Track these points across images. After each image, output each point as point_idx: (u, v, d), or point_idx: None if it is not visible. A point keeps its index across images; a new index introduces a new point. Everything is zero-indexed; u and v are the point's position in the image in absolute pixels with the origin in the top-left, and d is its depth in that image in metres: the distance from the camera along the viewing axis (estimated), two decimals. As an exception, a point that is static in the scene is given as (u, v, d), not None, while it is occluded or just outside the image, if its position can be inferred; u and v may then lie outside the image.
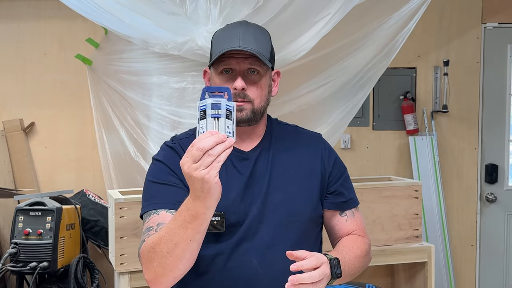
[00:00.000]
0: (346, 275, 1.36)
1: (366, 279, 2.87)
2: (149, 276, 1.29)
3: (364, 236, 1.56)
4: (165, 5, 2.28)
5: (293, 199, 1.46)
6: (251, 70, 1.43)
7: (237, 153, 1.48)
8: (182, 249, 1.21)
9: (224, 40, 1.44)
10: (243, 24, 1.48)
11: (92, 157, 3.18)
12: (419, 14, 2.50)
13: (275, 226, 1.43)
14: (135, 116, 2.73)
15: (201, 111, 1.14)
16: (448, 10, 3.51)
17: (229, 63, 1.42)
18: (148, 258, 1.27)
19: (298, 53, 2.33)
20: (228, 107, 1.14)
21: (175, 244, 1.21)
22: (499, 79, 3.57)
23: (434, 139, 3.47)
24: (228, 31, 1.47)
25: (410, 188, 2.59)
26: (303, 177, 1.49)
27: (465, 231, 3.57)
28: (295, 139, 1.56)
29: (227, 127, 1.13)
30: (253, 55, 1.40)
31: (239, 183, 1.43)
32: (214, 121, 1.13)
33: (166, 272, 1.25)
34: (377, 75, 2.69)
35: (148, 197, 1.42)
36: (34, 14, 3.19)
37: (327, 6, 2.25)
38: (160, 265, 1.24)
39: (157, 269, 1.25)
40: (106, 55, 2.90)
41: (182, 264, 1.24)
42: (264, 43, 1.46)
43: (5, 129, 3.17)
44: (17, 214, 2.56)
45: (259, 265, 1.41)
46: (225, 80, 1.43)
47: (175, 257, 1.22)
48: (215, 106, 1.13)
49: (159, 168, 1.45)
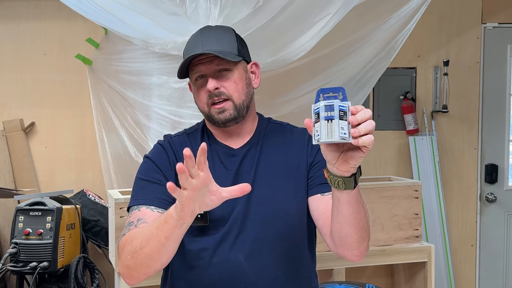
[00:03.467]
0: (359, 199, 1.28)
1: (366, 279, 2.88)
2: (121, 268, 1.34)
3: None
4: (165, 5, 2.28)
5: (278, 194, 1.46)
6: (221, 70, 1.47)
7: (226, 150, 1.52)
8: (152, 247, 1.23)
9: (189, 49, 1.50)
10: (204, 29, 1.54)
11: (92, 157, 3.18)
12: (419, 14, 2.50)
13: (260, 221, 1.44)
14: (135, 116, 2.73)
15: (315, 114, 1.12)
16: (448, 10, 3.51)
17: (198, 70, 1.48)
18: (123, 251, 1.32)
19: (298, 53, 2.33)
20: (342, 107, 1.09)
21: (147, 241, 1.24)
22: (499, 79, 3.58)
23: (434, 139, 3.47)
24: (191, 40, 1.53)
25: (410, 188, 2.59)
26: (289, 172, 1.49)
27: (465, 231, 3.57)
28: (283, 136, 1.57)
29: (342, 128, 1.08)
30: (216, 56, 1.44)
31: (226, 179, 1.45)
32: (328, 123, 1.09)
33: (137, 267, 1.29)
34: (377, 75, 2.70)
35: (133, 193, 1.48)
36: (34, 14, 3.19)
37: (327, 6, 2.25)
38: (133, 259, 1.28)
39: (130, 262, 1.29)
40: (106, 55, 2.91)
41: (152, 262, 1.26)
42: (227, 40, 1.50)
43: (5, 129, 3.17)
44: (17, 214, 2.55)
45: (245, 260, 1.42)
46: (199, 86, 1.49)
47: (145, 254, 1.25)
48: (328, 108, 1.10)
49: (147, 165, 1.51)
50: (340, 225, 1.29)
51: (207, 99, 1.48)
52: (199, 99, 1.51)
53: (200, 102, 1.50)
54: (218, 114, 1.47)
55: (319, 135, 1.11)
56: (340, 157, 1.17)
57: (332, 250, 1.40)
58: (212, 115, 1.48)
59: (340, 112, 1.09)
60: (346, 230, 1.29)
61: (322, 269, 2.44)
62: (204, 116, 1.54)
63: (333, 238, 1.35)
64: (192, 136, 1.57)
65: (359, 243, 1.32)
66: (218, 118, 1.47)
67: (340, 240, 1.33)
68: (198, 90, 1.50)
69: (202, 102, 1.50)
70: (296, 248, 1.49)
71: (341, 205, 1.26)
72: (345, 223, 1.28)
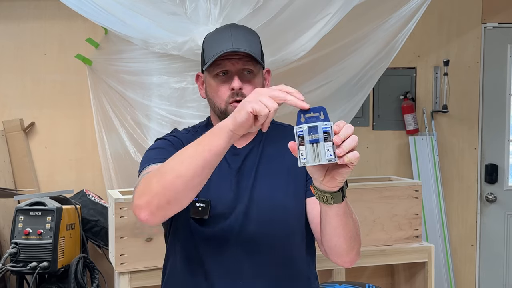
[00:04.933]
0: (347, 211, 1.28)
1: (366, 279, 2.88)
2: (140, 200, 1.23)
3: None
4: (165, 5, 2.28)
5: (278, 193, 1.47)
6: (245, 70, 1.47)
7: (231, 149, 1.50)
8: (187, 166, 1.18)
9: (216, 43, 1.48)
10: (233, 26, 1.53)
11: (92, 157, 3.18)
12: (419, 14, 2.50)
13: (260, 220, 1.44)
14: (135, 116, 2.74)
15: (299, 137, 1.14)
16: (448, 10, 3.51)
17: (224, 65, 1.46)
18: (148, 180, 1.25)
19: (298, 53, 2.33)
20: (325, 129, 1.12)
21: (181, 161, 1.20)
22: (499, 79, 3.57)
23: (434, 139, 3.47)
24: (218, 34, 1.51)
25: (410, 188, 2.59)
26: (289, 173, 1.49)
27: (465, 231, 3.57)
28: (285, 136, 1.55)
29: (327, 150, 1.12)
30: (246, 56, 1.44)
31: (229, 176, 1.46)
32: (313, 146, 1.13)
33: (161, 191, 1.20)
34: (377, 75, 2.70)
35: (149, 158, 1.42)
36: (34, 14, 3.19)
37: (327, 6, 2.25)
38: (158, 183, 1.20)
39: (154, 186, 1.21)
40: (106, 55, 2.91)
41: (180, 186, 1.19)
42: (255, 43, 1.50)
43: (5, 129, 3.17)
44: (17, 214, 2.55)
45: (244, 258, 1.42)
46: (221, 82, 1.47)
47: (176, 174, 1.19)
48: (312, 131, 1.13)
49: (161, 142, 1.51)
50: (330, 236, 1.32)
51: (228, 97, 1.46)
52: (217, 95, 1.48)
53: (218, 97, 1.48)
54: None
55: (305, 158, 1.14)
56: (326, 174, 1.18)
57: (324, 255, 1.43)
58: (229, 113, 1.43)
59: (324, 134, 1.12)
60: (335, 240, 1.32)
61: (322, 269, 2.44)
62: (216, 112, 1.51)
63: (323, 246, 1.39)
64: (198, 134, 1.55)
65: (349, 251, 1.35)
66: None
67: (330, 249, 1.36)
68: (218, 86, 1.47)
69: (220, 98, 1.47)
70: (295, 248, 1.49)
71: (329, 217, 1.28)
72: (334, 234, 1.31)
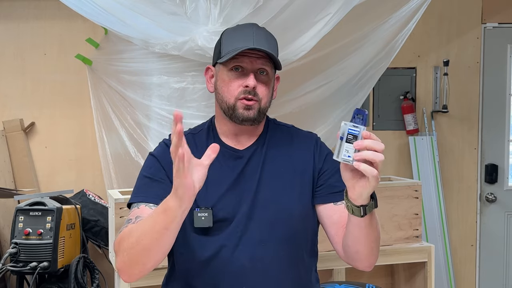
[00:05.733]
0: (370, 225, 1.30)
1: (366, 279, 2.87)
2: (118, 264, 1.31)
3: None
4: (165, 5, 2.28)
5: (282, 196, 1.46)
6: (260, 71, 1.47)
7: (232, 151, 1.51)
8: (148, 241, 1.22)
9: (238, 38, 1.47)
10: (255, 26, 1.53)
11: (92, 157, 3.18)
12: (419, 14, 2.50)
13: (264, 223, 1.43)
14: (135, 116, 2.73)
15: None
16: (448, 10, 3.51)
17: (242, 61, 1.46)
18: (119, 247, 1.30)
19: (298, 53, 2.33)
20: (352, 131, 1.17)
21: (145, 235, 1.22)
22: (499, 79, 3.57)
23: (434, 139, 3.47)
24: (241, 30, 1.51)
25: (410, 188, 2.59)
26: (294, 176, 1.49)
27: (465, 231, 3.57)
28: (289, 139, 1.57)
29: (346, 150, 1.16)
30: (264, 56, 1.45)
31: (230, 180, 1.46)
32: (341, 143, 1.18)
33: (133, 263, 1.27)
34: (377, 75, 2.70)
35: (135, 189, 1.47)
36: (34, 14, 3.19)
37: (327, 6, 2.25)
38: (128, 255, 1.26)
39: (125, 258, 1.27)
40: (106, 55, 2.91)
41: (147, 258, 1.24)
42: (273, 46, 1.51)
43: (5, 129, 3.17)
44: (17, 214, 2.55)
45: (248, 261, 1.42)
46: (234, 77, 1.47)
47: (141, 249, 1.23)
48: (344, 128, 1.18)
49: (151, 162, 1.50)
50: (352, 242, 1.36)
51: (239, 93, 1.45)
52: (228, 90, 1.47)
53: (229, 92, 1.47)
54: (244, 109, 1.45)
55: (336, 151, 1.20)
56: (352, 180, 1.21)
57: (342, 259, 1.45)
58: (237, 109, 1.46)
59: (349, 135, 1.17)
60: (357, 247, 1.36)
61: (322, 269, 2.44)
62: (223, 107, 1.49)
63: (344, 251, 1.42)
64: (197, 136, 1.55)
65: (369, 257, 1.39)
66: (242, 113, 1.45)
67: (351, 254, 1.40)
68: (231, 80, 1.46)
69: (231, 93, 1.46)
70: (298, 251, 1.49)
71: (352, 225, 1.32)
72: (355, 242, 1.35)
